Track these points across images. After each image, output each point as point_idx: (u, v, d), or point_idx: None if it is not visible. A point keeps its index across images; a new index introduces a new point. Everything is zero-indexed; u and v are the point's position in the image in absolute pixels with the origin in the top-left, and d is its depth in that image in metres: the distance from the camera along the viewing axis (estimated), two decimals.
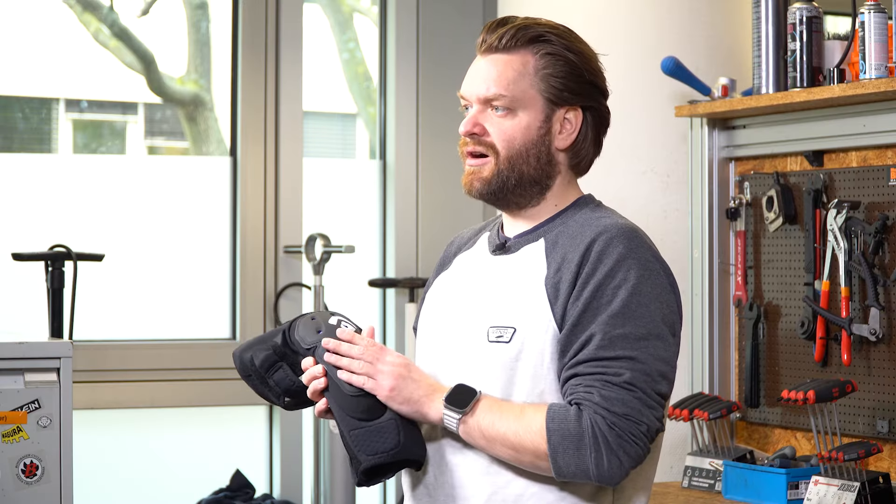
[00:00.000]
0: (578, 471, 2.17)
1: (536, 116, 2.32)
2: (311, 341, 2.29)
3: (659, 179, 4.11)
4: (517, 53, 2.33)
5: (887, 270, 3.46)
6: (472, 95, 2.34)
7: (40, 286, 3.91)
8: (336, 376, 2.24)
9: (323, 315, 2.32)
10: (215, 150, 5.02)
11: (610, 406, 2.16)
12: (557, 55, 2.32)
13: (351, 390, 2.24)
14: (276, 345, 2.32)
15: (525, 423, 2.19)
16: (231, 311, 4.85)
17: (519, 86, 2.31)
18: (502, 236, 2.39)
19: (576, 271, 2.25)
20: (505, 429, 2.20)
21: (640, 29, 4.11)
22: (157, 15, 4.97)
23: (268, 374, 2.33)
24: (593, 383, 2.18)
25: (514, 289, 2.30)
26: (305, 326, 2.31)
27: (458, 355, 2.33)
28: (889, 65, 3.37)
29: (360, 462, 2.22)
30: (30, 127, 4.90)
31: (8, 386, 3.32)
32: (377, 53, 5.12)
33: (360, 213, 5.08)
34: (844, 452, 3.32)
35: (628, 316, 2.21)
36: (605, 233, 2.27)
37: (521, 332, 2.26)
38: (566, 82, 2.32)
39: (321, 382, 2.26)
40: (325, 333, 2.28)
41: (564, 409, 2.18)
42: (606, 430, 2.16)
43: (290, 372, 2.33)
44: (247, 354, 2.34)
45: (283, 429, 4.82)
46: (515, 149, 2.32)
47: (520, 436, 2.19)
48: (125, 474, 4.75)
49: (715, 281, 3.94)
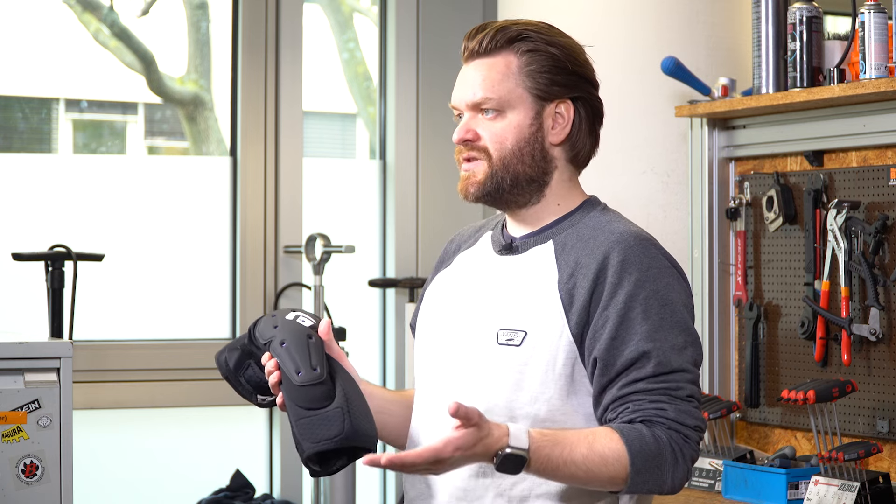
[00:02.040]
0: (654, 486, 2.18)
1: (526, 114, 2.32)
2: (268, 336, 2.33)
3: (659, 179, 4.11)
4: (499, 55, 2.33)
5: (887, 270, 3.46)
6: (461, 103, 2.35)
7: (40, 286, 3.91)
8: (286, 367, 2.27)
9: (282, 312, 2.37)
10: (215, 150, 5.02)
11: (683, 420, 2.19)
12: (539, 51, 2.32)
13: (299, 379, 2.26)
14: (244, 343, 2.37)
15: (597, 456, 2.15)
16: (231, 311, 4.85)
17: (505, 86, 2.31)
18: (507, 236, 2.39)
19: (594, 279, 2.24)
20: (573, 471, 2.15)
21: (640, 29, 4.11)
22: (157, 15, 4.96)
23: (238, 373, 2.38)
24: (660, 398, 2.19)
25: (524, 291, 2.29)
26: (265, 323, 2.35)
27: (464, 357, 2.32)
28: (889, 65, 3.37)
29: (305, 450, 2.23)
30: (30, 127, 4.90)
31: (8, 386, 3.32)
32: (377, 53, 5.12)
33: (360, 213, 5.08)
34: (844, 452, 3.32)
35: (671, 327, 2.22)
36: (621, 241, 2.26)
37: (532, 336, 2.25)
38: (551, 76, 2.32)
39: (276, 376, 2.28)
40: (281, 327, 2.31)
41: (636, 430, 2.17)
42: (682, 444, 2.18)
43: (257, 370, 2.37)
44: (221, 357, 2.40)
45: (283, 429, 4.82)
46: (508, 149, 2.32)
47: (592, 472, 2.15)
48: (125, 474, 4.75)
49: (715, 281, 3.94)
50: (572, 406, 2.25)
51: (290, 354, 2.28)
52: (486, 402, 2.26)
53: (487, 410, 2.24)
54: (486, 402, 2.26)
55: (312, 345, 2.30)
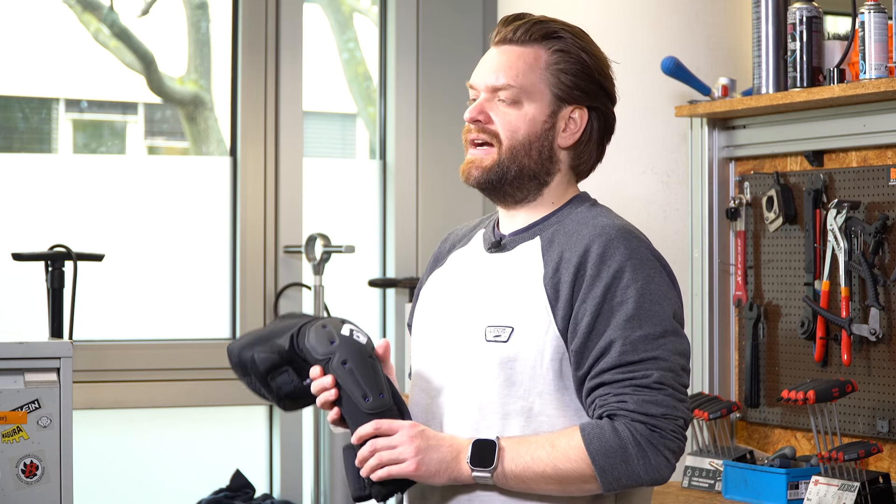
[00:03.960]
0: (630, 480, 2.18)
1: (542, 110, 2.33)
2: (324, 352, 2.24)
3: (659, 179, 4.11)
4: (530, 47, 2.34)
5: (887, 270, 3.46)
6: (481, 84, 2.35)
7: (40, 286, 3.91)
8: (352, 391, 2.23)
9: (334, 324, 2.27)
10: (215, 150, 5.02)
11: (647, 409, 2.17)
12: (570, 52, 2.34)
13: (368, 407, 2.22)
14: (282, 349, 2.28)
15: (560, 453, 2.19)
16: (231, 311, 4.85)
17: (528, 78, 2.32)
18: (498, 233, 2.39)
19: (575, 272, 2.24)
20: (542, 468, 2.19)
21: (640, 29, 4.11)
22: (157, 15, 4.97)
23: (270, 376, 2.30)
24: (623, 390, 2.18)
25: (511, 288, 2.30)
26: (317, 335, 2.26)
27: (455, 355, 2.32)
28: (889, 65, 3.37)
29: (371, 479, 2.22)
30: (30, 127, 4.90)
31: (8, 386, 3.32)
32: (377, 53, 5.12)
33: (360, 213, 5.08)
34: (844, 452, 3.32)
35: (643, 317, 2.21)
36: (603, 234, 2.26)
37: (519, 331, 2.26)
38: (576, 80, 2.33)
39: (332, 394, 2.24)
40: (340, 344, 2.24)
41: (597, 427, 2.18)
42: (648, 434, 2.17)
43: (294, 377, 2.30)
44: (247, 354, 2.30)
45: (283, 429, 4.82)
46: (518, 140, 2.32)
47: (559, 469, 2.18)
48: (125, 474, 4.75)
49: (715, 281, 3.94)
50: (563, 401, 2.25)
51: (355, 378, 2.23)
52: (478, 399, 2.27)
53: (480, 407, 2.26)
54: (478, 399, 2.27)
55: (376, 366, 2.25)
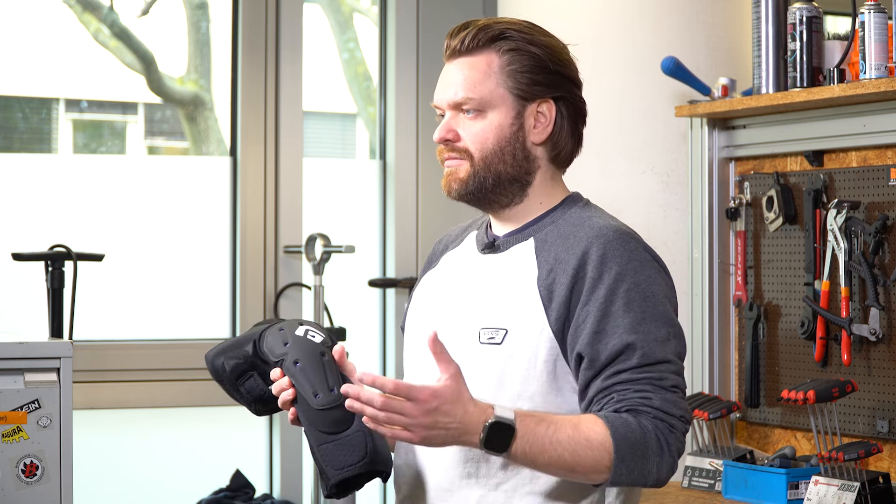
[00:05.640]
0: (638, 477, 2.16)
1: (507, 114, 2.32)
2: (279, 353, 2.29)
3: (658, 179, 4.10)
4: (480, 54, 2.32)
5: (887, 270, 3.46)
6: (443, 102, 2.35)
7: (40, 286, 3.90)
8: (303, 389, 2.25)
9: (291, 325, 2.32)
10: (215, 150, 5.02)
11: (669, 409, 2.17)
12: (520, 50, 2.32)
13: (318, 403, 2.23)
14: (247, 354, 2.34)
15: (582, 437, 2.14)
16: (231, 311, 4.85)
17: (486, 86, 2.31)
18: (491, 235, 2.39)
19: (574, 274, 2.24)
20: (560, 452, 2.14)
21: (640, 29, 4.11)
22: (157, 15, 4.96)
23: (238, 381, 2.36)
24: (644, 388, 2.18)
25: (504, 289, 2.30)
26: (273, 337, 2.32)
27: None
28: (889, 65, 3.37)
29: (330, 477, 2.23)
30: (30, 127, 4.90)
31: (8, 386, 3.31)
32: (377, 53, 5.12)
33: (360, 213, 5.08)
34: (844, 452, 3.32)
35: (654, 319, 2.21)
36: (601, 236, 2.26)
37: (513, 333, 2.26)
38: (533, 76, 2.31)
39: (289, 394, 2.26)
40: (292, 345, 2.28)
41: (623, 419, 2.16)
42: (668, 434, 2.17)
43: (260, 381, 2.35)
44: (218, 360, 2.37)
45: (283, 429, 4.82)
46: (489, 149, 2.31)
47: (578, 454, 2.14)
48: (125, 474, 4.75)
49: (715, 281, 3.94)
50: (556, 403, 2.24)
51: (306, 375, 2.26)
52: None
53: None
54: None
55: (327, 364, 2.27)
